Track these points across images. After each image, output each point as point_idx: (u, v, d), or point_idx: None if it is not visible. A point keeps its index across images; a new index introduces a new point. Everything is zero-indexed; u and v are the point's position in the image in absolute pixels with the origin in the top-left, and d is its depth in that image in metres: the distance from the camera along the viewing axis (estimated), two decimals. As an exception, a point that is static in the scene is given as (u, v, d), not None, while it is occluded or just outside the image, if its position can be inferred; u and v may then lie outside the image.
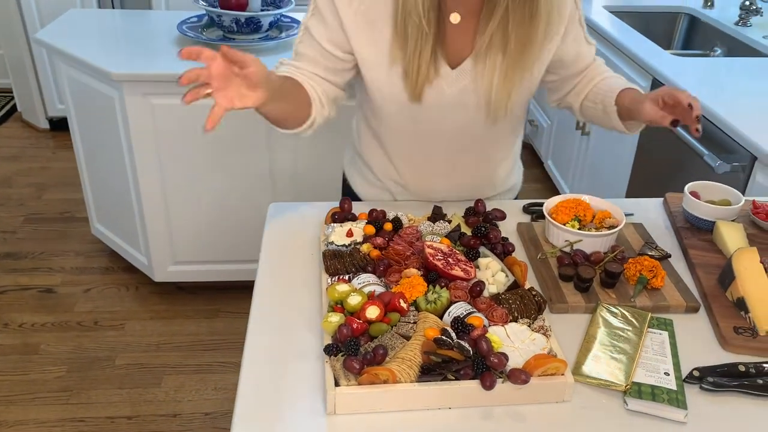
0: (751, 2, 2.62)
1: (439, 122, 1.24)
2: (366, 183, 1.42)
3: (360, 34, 1.17)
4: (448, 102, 1.21)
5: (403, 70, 1.17)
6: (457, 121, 1.24)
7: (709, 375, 0.95)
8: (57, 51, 2.27)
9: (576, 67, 1.31)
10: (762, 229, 1.29)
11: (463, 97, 1.21)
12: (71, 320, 2.45)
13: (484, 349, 0.89)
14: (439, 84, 1.19)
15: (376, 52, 1.18)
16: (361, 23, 1.16)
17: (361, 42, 1.18)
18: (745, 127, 1.75)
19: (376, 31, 1.16)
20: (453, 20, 1.17)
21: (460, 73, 1.19)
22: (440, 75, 1.18)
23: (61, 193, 3.23)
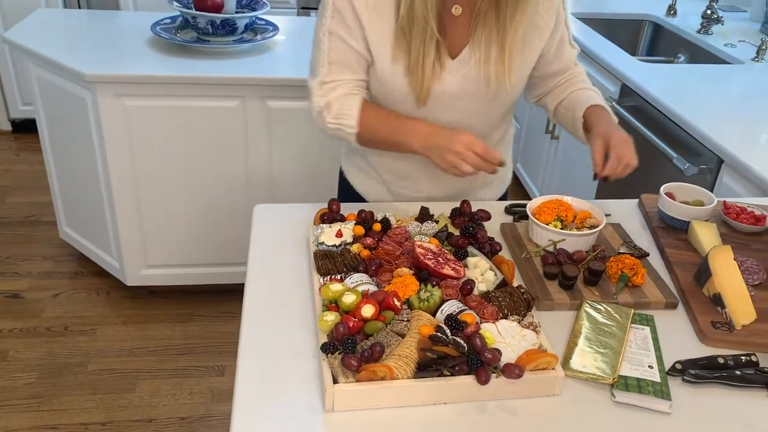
0: (712, 11, 2.72)
1: (442, 111, 1.27)
2: (364, 176, 1.44)
3: (373, 27, 1.19)
4: (450, 91, 1.24)
5: (405, 68, 1.20)
6: (459, 109, 1.28)
7: (691, 367, 0.99)
8: (26, 51, 2.23)
9: (556, 66, 1.36)
10: (733, 228, 1.34)
11: (465, 85, 1.25)
12: (40, 326, 2.39)
13: (478, 345, 0.91)
14: (444, 76, 1.23)
15: (386, 45, 1.21)
16: (374, 16, 1.19)
17: (374, 35, 1.20)
18: (711, 132, 1.82)
19: (384, 25, 1.19)
20: (455, 12, 1.21)
21: (460, 62, 1.23)
22: (444, 67, 1.22)
23: (26, 196, 3.16)
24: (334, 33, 1.22)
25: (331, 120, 1.25)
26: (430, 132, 1.21)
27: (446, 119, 1.28)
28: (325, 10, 1.22)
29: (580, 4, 3.22)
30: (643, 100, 2.15)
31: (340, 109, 1.24)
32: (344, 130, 1.25)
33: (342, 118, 1.25)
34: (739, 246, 1.28)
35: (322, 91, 1.25)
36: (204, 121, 2.19)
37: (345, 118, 1.24)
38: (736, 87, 2.22)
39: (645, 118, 2.14)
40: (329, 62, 1.24)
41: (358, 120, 1.24)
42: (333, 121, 1.25)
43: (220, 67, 2.15)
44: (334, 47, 1.23)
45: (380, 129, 1.25)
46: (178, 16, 2.41)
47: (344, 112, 1.24)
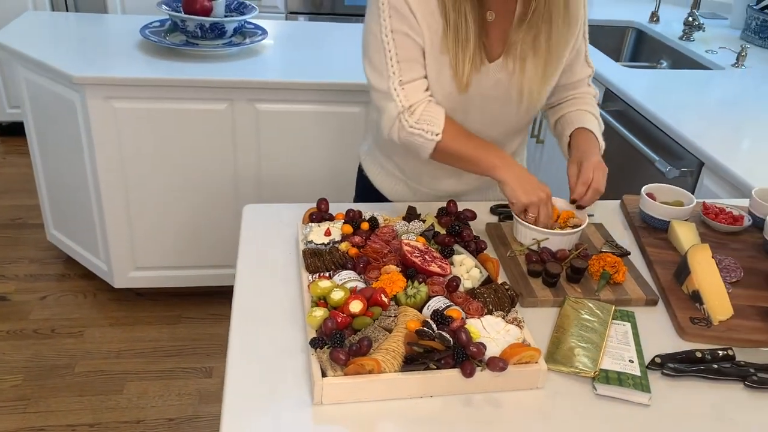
0: (694, 18, 2.77)
1: (476, 112, 1.30)
2: (385, 174, 1.48)
3: (422, 18, 1.21)
4: (485, 94, 1.27)
5: (450, 60, 1.23)
6: (488, 112, 1.31)
7: (670, 361, 1.02)
8: (15, 53, 2.23)
9: (565, 79, 1.39)
10: (711, 228, 1.38)
11: (497, 91, 1.28)
12: (27, 328, 2.39)
13: (463, 339, 0.94)
14: (477, 79, 1.25)
15: (433, 37, 1.22)
16: (424, 12, 1.20)
17: (425, 26, 1.21)
18: (692, 135, 1.86)
19: (429, 16, 1.20)
20: (489, 18, 1.24)
21: (495, 68, 1.26)
22: (483, 68, 1.25)
23: (13, 199, 3.15)
24: (397, 31, 1.21)
25: (413, 123, 1.24)
26: (515, 162, 1.26)
27: (476, 119, 1.31)
28: (381, 11, 1.21)
29: None
30: (626, 104, 2.19)
31: (423, 115, 1.24)
32: (425, 136, 1.24)
33: (426, 124, 1.24)
34: (717, 245, 1.32)
35: (405, 92, 1.24)
36: (193, 124, 2.20)
37: (430, 124, 1.24)
38: (717, 92, 2.27)
39: (628, 123, 2.18)
40: (398, 61, 1.23)
41: (444, 128, 1.24)
42: (415, 125, 1.24)
43: (208, 70, 2.17)
44: (400, 45, 1.22)
45: (464, 143, 1.26)
46: (167, 20, 2.42)
47: (429, 118, 1.24)
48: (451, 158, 1.29)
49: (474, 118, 1.31)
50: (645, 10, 3.20)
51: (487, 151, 1.26)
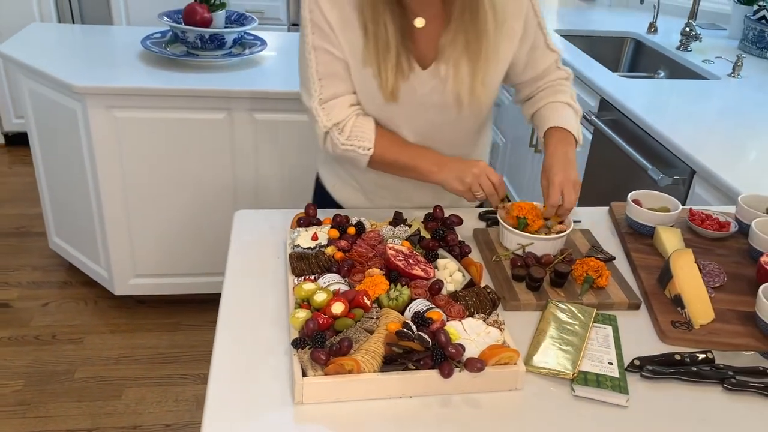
0: (691, 29, 2.79)
1: (414, 120, 1.31)
2: (341, 184, 1.48)
3: (342, 33, 1.23)
4: (421, 101, 1.28)
5: (373, 72, 1.24)
6: (430, 120, 1.31)
7: (649, 364, 1.03)
8: (19, 64, 2.28)
9: (531, 73, 1.38)
10: (697, 234, 1.39)
11: (434, 97, 1.28)
12: (28, 334, 2.42)
13: (442, 340, 0.95)
14: (412, 84, 1.26)
15: (353, 51, 1.24)
16: (342, 23, 1.22)
17: (344, 41, 1.23)
18: (685, 144, 1.87)
19: (349, 31, 1.22)
20: (417, 24, 1.24)
21: (429, 75, 1.26)
22: (413, 75, 1.25)
23: (17, 208, 3.19)
24: (318, 47, 1.24)
25: (344, 141, 1.28)
26: (449, 159, 1.29)
27: (415, 128, 1.31)
28: (305, 28, 1.25)
29: (564, 21, 3.29)
30: (620, 113, 2.21)
31: (353, 131, 1.27)
32: (358, 152, 1.28)
33: (356, 140, 1.27)
34: (703, 251, 1.33)
35: (326, 111, 1.27)
36: (192, 133, 2.23)
37: (360, 140, 1.27)
38: (712, 102, 2.28)
39: (622, 131, 2.20)
40: (319, 78, 1.26)
41: (374, 143, 1.27)
42: (346, 142, 1.28)
43: (208, 80, 2.20)
44: (321, 61, 1.25)
45: (397, 154, 1.29)
46: (168, 31, 2.46)
47: (359, 134, 1.27)
48: (388, 168, 1.33)
49: (412, 127, 1.32)
50: (643, 20, 3.22)
51: (420, 159, 1.29)
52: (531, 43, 1.33)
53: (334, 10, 1.22)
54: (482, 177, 1.25)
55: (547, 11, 3.51)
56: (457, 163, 1.28)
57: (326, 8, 1.22)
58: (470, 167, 1.26)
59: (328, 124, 1.27)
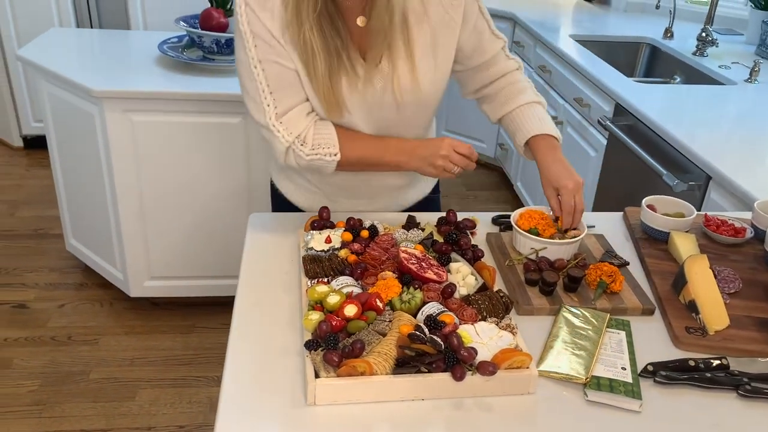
0: (708, 34, 2.77)
1: (366, 121, 1.28)
2: (299, 190, 1.46)
3: (290, 45, 1.19)
4: (370, 101, 1.26)
5: (314, 87, 1.21)
6: (382, 118, 1.29)
7: (662, 369, 1.02)
8: (39, 68, 2.31)
9: (478, 59, 1.36)
10: (713, 239, 1.38)
11: (383, 96, 1.26)
12: (45, 335, 2.45)
13: (454, 343, 0.95)
14: (363, 87, 1.24)
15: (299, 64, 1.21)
16: (287, 37, 1.19)
17: (291, 51, 1.20)
18: (700, 150, 1.86)
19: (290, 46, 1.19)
20: (360, 23, 1.21)
21: (378, 73, 1.23)
22: (360, 78, 1.23)
23: (35, 210, 3.23)
24: (265, 60, 1.19)
25: (308, 152, 1.24)
26: (414, 145, 1.28)
27: (371, 128, 1.30)
28: (245, 41, 1.19)
29: (581, 27, 3.29)
30: (636, 119, 2.20)
31: (316, 139, 1.24)
32: (325, 159, 1.25)
33: (321, 148, 1.24)
34: (718, 257, 1.32)
35: (284, 125, 1.23)
36: (208, 137, 2.25)
37: (325, 147, 1.24)
38: (729, 107, 2.26)
39: (638, 136, 2.19)
40: (271, 92, 1.21)
41: (340, 147, 1.25)
42: (311, 153, 1.24)
43: (224, 85, 2.22)
44: (270, 74, 1.20)
45: (364, 152, 1.28)
46: (185, 36, 2.49)
47: (322, 141, 1.24)
48: (356, 167, 1.32)
49: (371, 125, 1.30)
50: (659, 26, 3.21)
51: (387, 152, 1.28)
52: (472, 28, 1.30)
53: (274, 21, 1.18)
54: (451, 154, 1.25)
55: (562, 16, 3.51)
56: (423, 148, 1.27)
57: (266, 18, 1.17)
58: (437, 149, 1.25)
59: (290, 138, 1.23)
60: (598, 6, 3.78)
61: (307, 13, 1.14)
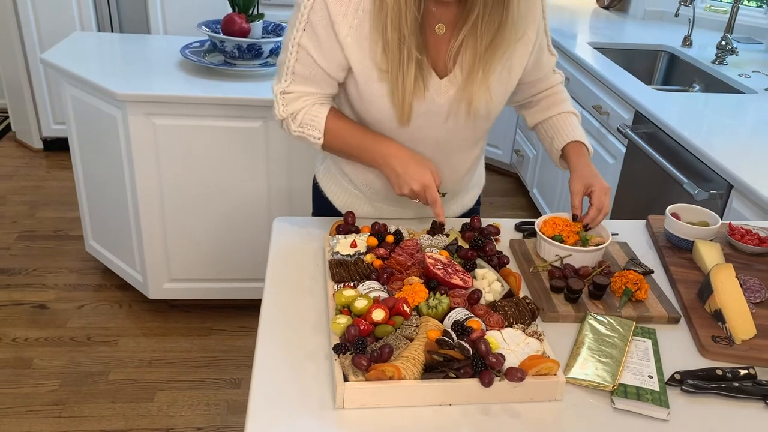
0: (727, 42, 2.77)
1: (429, 130, 1.29)
2: (344, 192, 1.46)
3: (355, 47, 1.19)
4: (438, 111, 1.26)
5: (388, 89, 1.22)
6: (445, 129, 1.30)
7: (689, 378, 1.02)
8: (63, 71, 2.34)
9: (534, 75, 1.38)
10: (737, 249, 1.38)
11: (451, 106, 1.26)
12: (64, 335, 2.47)
13: (482, 349, 0.96)
14: (430, 96, 1.24)
15: (370, 66, 1.21)
16: (356, 37, 1.19)
17: (357, 56, 1.20)
18: (722, 158, 1.86)
19: (368, 46, 1.19)
20: (438, 32, 1.22)
21: (448, 82, 1.24)
22: (429, 87, 1.23)
23: (55, 211, 3.26)
24: (303, 47, 1.21)
25: (295, 128, 1.29)
26: (395, 154, 1.25)
27: (431, 137, 1.30)
28: (299, 21, 1.20)
29: (599, 34, 3.29)
30: (656, 126, 2.20)
31: (304, 119, 1.28)
32: (308, 139, 1.29)
33: (306, 128, 1.28)
34: (742, 266, 1.32)
35: (284, 101, 1.27)
36: (228, 140, 2.27)
37: (310, 128, 1.28)
38: (749, 116, 2.26)
39: (657, 144, 2.18)
40: (293, 73, 1.25)
41: (324, 130, 1.27)
42: (298, 129, 1.29)
43: (245, 89, 2.24)
44: (301, 60, 1.23)
45: (345, 143, 1.29)
46: (207, 40, 2.51)
47: (309, 121, 1.27)
48: (340, 155, 1.35)
49: (431, 134, 1.30)
50: (677, 34, 3.20)
51: (364, 153, 1.28)
52: (538, 45, 1.32)
53: (344, 20, 1.17)
54: (420, 194, 1.25)
55: (579, 23, 3.51)
56: (401, 166, 1.24)
57: (336, 14, 1.17)
58: (411, 180, 1.23)
59: (284, 114, 1.28)
60: (616, 13, 3.77)
61: (406, 21, 1.14)
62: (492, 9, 1.16)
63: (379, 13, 1.15)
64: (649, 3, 3.63)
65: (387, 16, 1.14)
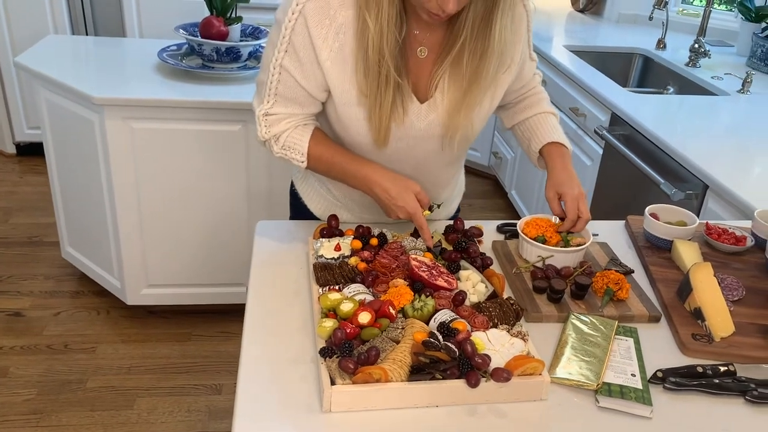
0: (700, 45, 2.82)
1: (409, 151, 1.29)
2: (322, 200, 1.46)
3: (335, 70, 1.18)
4: (417, 135, 1.25)
5: (366, 113, 1.21)
6: (425, 151, 1.30)
7: (671, 375, 1.04)
8: (38, 75, 2.31)
9: (516, 85, 1.39)
10: (714, 248, 1.40)
11: (431, 129, 1.26)
12: (41, 343, 2.43)
13: (469, 350, 0.96)
14: (409, 120, 1.23)
15: (350, 89, 1.19)
16: (337, 60, 1.17)
17: (337, 79, 1.19)
18: (697, 159, 1.89)
19: (348, 69, 1.18)
20: (420, 55, 1.21)
21: (428, 107, 1.23)
22: (409, 112, 1.22)
23: (29, 217, 3.21)
24: (285, 69, 1.19)
25: (278, 150, 1.27)
26: (378, 180, 1.23)
27: (411, 157, 1.30)
28: (280, 42, 1.17)
29: (574, 37, 3.33)
30: (632, 128, 2.23)
31: (287, 141, 1.26)
32: (291, 162, 1.28)
33: (289, 151, 1.26)
34: (720, 265, 1.34)
35: (267, 123, 1.25)
36: (207, 144, 2.25)
37: (293, 151, 1.26)
38: (722, 117, 2.30)
39: (634, 146, 2.22)
40: (276, 94, 1.23)
41: (307, 155, 1.26)
42: (280, 152, 1.27)
43: (223, 93, 2.23)
44: (284, 81, 1.21)
45: (329, 167, 1.27)
46: (184, 44, 2.49)
47: (292, 144, 1.26)
48: (325, 176, 1.33)
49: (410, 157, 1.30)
50: (652, 37, 3.25)
51: (346, 177, 1.27)
52: (523, 59, 1.33)
53: (325, 43, 1.16)
54: (404, 218, 1.24)
55: (555, 26, 3.54)
56: (385, 193, 1.22)
57: (317, 36, 1.15)
58: (397, 209, 1.23)
59: (267, 136, 1.26)
60: (591, 17, 3.82)
61: (387, 43, 1.13)
62: (477, 35, 1.16)
63: (361, 35, 1.14)
64: (624, 6, 3.68)
65: (368, 38, 1.13)
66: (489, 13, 1.14)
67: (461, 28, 1.15)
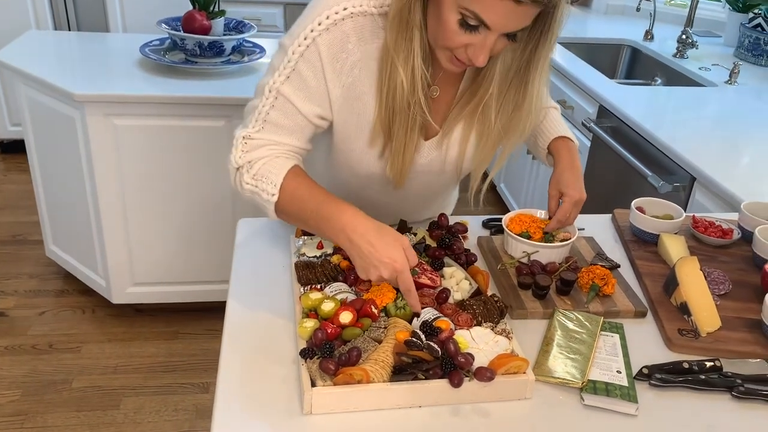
0: (687, 36, 2.81)
1: (406, 186, 1.24)
2: None
3: (344, 105, 1.12)
4: (417, 170, 1.22)
5: (380, 152, 1.16)
6: (423, 182, 1.27)
7: (657, 372, 1.03)
8: (18, 71, 2.27)
9: None
10: (701, 241, 1.39)
11: (432, 166, 1.23)
12: (25, 343, 2.40)
13: (451, 350, 0.95)
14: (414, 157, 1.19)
15: (359, 125, 1.14)
16: (348, 95, 1.11)
17: (344, 114, 1.13)
18: (684, 151, 1.88)
19: (359, 105, 1.12)
20: (433, 94, 1.15)
21: (431, 145, 1.20)
22: (416, 149, 1.18)
23: (12, 215, 3.17)
24: (283, 95, 1.09)
25: (248, 180, 1.10)
26: (361, 233, 1.02)
27: (408, 193, 1.28)
28: (283, 67, 1.08)
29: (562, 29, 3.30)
30: (619, 120, 2.22)
31: (261, 170, 1.09)
32: (261, 195, 1.09)
33: (261, 181, 1.09)
34: (706, 258, 1.33)
35: (246, 147, 1.10)
36: (191, 140, 2.23)
37: (265, 181, 1.08)
38: (710, 108, 2.29)
39: (621, 138, 2.20)
40: (265, 120, 1.10)
41: (281, 187, 1.08)
42: (250, 182, 1.10)
43: (207, 88, 2.20)
44: (278, 107, 1.09)
45: (302, 204, 1.08)
46: (167, 38, 2.46)
47: (266, 173, 1.09)
48: (292, 222, 1.16)
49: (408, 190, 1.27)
50: (639, 28, 3.24)
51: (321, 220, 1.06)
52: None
53: (339, 78, 1.09)
54: (391, 281, 1.04)
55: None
56: (367, 244, 1.01)
57: (330, 71, 1.08)
58: (380, 264, 1.00)
59: (241, 162, 1.10)
60: (579, 8, 3.80)
61: (421, 88, 1.07)
62: (509, 89, 1.10)
63: (389, 79, 1.07)
64: (611, -3, 3.67)
65: (397, 84, 1.06)
66: (524, 70, 1.09)
67: (486, 79, 1.11)
